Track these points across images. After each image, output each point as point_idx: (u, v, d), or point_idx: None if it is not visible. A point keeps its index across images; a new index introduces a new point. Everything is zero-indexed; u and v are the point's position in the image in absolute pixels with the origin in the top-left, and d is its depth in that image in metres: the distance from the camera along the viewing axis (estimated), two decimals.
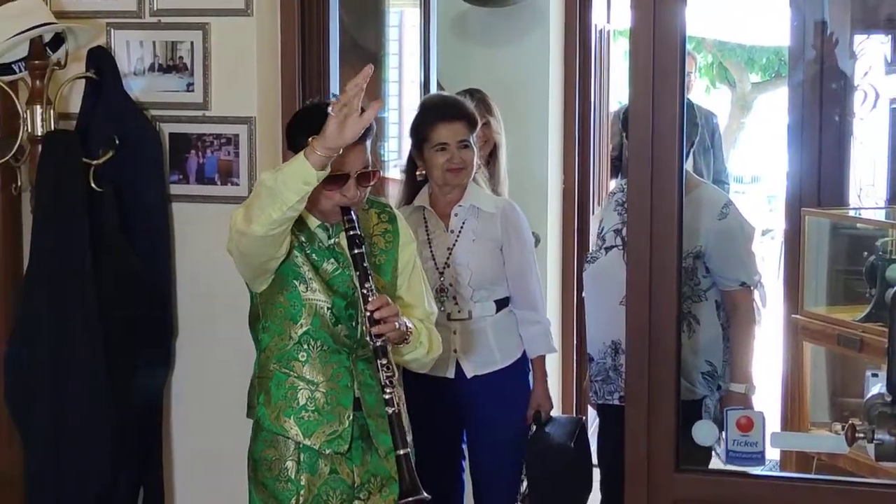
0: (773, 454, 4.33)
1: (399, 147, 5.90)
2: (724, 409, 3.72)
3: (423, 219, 4.26)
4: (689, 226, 3.66)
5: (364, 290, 3.16)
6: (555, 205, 6.39)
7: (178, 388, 3.94)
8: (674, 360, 3.43)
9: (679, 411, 3.46)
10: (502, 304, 4.26)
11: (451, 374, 4.21)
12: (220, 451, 3.84)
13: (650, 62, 3.38)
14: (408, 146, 4.41)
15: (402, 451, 3.12)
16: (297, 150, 3.20)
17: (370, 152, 3.26)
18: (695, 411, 4.15)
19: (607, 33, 6.99)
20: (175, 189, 3.87)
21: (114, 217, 3.72)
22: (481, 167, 4.47)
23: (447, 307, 4.17)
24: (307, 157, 3.01)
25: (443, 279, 4.19)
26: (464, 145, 4.18)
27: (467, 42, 6.34)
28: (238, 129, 3.80)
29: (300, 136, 3.20)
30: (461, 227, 4.23)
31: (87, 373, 3.58)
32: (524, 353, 4.29)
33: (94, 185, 3.66)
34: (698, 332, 4.27)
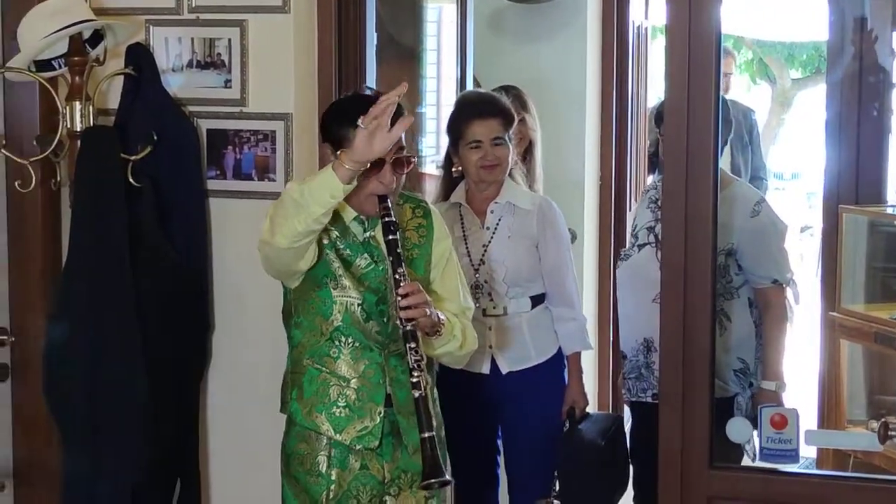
0: (808, 452, 4.30)
1: (437, 143, 5.91)
2: (759, 407, 3.71)
3: (460, 215, 4.26)
4: (722, 223, 3.65)
5: (396, 276, 3.18)
6: (591, 201, 6.38)
7: (214, 383, 3.96)
8: (708, 359, 3.43)
9: (713, 409, 3.45)
10: (538, 300, 4.26)
11: (486, 370, 4.21)
12: (254, 444, 3.85)
13: (686, 58, 3.37)
14: (445, 142, 4.42)
15: (426, 434, 3.12)
16: (332, 141, 3.22)
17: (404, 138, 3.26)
18: (727, 408, 4.14)
19: (645, 30, 6.97)
20: (212, 185, 3.88)
21: (151, 212, 3.73)
22: (518, 163, 4.47)
23: (482, 303, 4.18)
24: (335, 170, 3.03)
25: (478, 276, 4.20)
26: (498, 142, 4.18)
27: (504, 38, 6.34)
28: (275, 125, 3.81)
29: (335, 126, 3.22)
30: (497, 224, 4.23)
31: (125, 367, 3.60)
32: (559, 349, 4.29)
33: (132, 180, 3.68)
34: (730, 330, 4.26)
